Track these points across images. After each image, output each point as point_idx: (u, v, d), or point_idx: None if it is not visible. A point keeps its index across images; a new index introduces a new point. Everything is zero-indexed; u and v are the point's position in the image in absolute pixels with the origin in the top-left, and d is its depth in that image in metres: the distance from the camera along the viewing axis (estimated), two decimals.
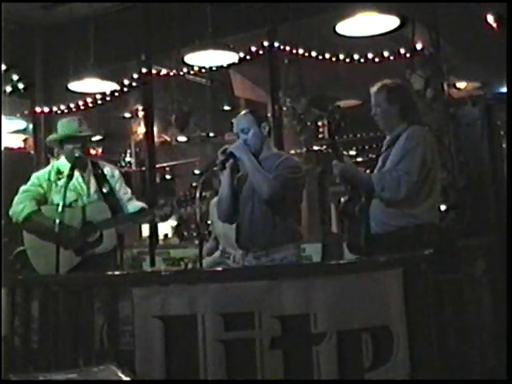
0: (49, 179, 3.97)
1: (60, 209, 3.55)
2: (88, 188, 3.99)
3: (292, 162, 3.46)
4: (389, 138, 3.45)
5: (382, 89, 3.43)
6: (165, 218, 4.00)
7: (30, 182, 4.00)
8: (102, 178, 4.03)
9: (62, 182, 3.89)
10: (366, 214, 3.38)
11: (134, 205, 4.06)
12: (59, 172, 3.98)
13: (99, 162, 4.19)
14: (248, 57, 6.57)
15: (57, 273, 3.42)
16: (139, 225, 7.09)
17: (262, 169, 3.34)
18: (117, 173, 4.16)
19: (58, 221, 3.51)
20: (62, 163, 4.02)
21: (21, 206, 3.89)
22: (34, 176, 4.03)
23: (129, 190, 4.13)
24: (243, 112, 3.54)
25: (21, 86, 7.35)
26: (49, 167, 4.10)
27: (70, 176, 3.76)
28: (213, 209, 4.66)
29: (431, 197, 3.33)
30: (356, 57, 6.34)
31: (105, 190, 3.99)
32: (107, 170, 4.12)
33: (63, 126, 4.04)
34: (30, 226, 3.89)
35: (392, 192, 3.23)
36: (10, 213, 3.94)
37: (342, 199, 3.57)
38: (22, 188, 3.98)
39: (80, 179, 3.97)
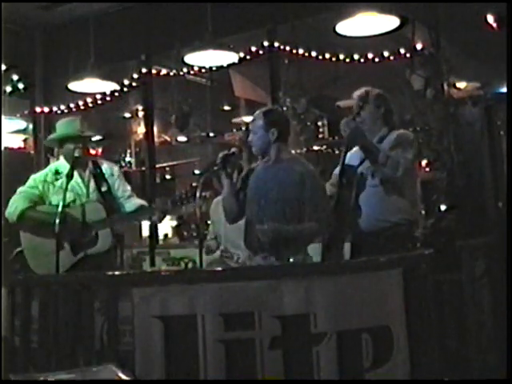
0: (45, 180, 3.98)
1: (60, 208, 3.56)
2: (87, 188, 3.99)
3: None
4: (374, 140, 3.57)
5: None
6: (160, 218, 4.01)
7: (26, 184, 4.01)
8: (100, 177, 4.02)
9: (59, 183, 3.91)
10: (354, 212, 3.51)
11: (133, 202, 4.06)
12: (57, 173, 3.98)
13: (98, 160, 4.18)
14: (248, 57, 6.57)
15: (57, 272, 3.42)
16: (139, 224, 7.10)
17: (274, 173, 3.40)
18: (116, 170, 4.16)
19: (57, 220, 3.51)
20: (61, 164, 4.03)
21: (14, 206, 3.91)
22: (31, 178, 4.04)
23: (129, 188, 4.12)
24: (258, 112, 3.50)
25: (21, 86, 7.35)
26: (47, 169, 4.11)
27: (70, 176, 3.76)
28: (213, 208, 4.65)
29: (413, 194, 3.57)
30: (356, 57, 6.35)
31: (103, 189, 3.99)
32: (106, 168, 4.10)
33: (63, 126, 4.04)
34: (25, 223, 3.89)
35: (392, 168, 3.36)
36: (6, 214, 3.96)
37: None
38: (19, 189, 4.00)
39: (79, 179, 3.97)
